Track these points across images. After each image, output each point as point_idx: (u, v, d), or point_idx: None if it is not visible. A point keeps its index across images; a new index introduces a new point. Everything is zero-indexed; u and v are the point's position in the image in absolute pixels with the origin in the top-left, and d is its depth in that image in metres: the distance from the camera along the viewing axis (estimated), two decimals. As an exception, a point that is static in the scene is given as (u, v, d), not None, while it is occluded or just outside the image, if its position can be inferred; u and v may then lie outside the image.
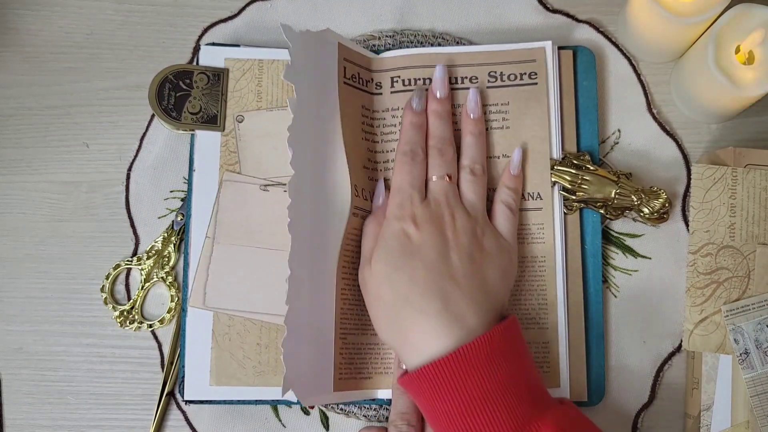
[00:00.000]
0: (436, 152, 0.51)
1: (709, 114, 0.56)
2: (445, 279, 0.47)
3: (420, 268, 0.47)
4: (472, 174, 0.51)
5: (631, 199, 0.53)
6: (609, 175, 0.54)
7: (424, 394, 0.45)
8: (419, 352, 0.46)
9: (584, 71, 0.57)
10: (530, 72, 0.55)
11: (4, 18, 0.60)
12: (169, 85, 0.56)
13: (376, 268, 0.48)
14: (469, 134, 0.53)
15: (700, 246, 0.52)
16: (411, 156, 0.51)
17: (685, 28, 0.53)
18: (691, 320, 0.52)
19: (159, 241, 0.56)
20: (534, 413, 0.43)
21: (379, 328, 0.49)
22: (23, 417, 0.56)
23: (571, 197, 0.54)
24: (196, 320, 0.53)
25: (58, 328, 0.56)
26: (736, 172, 0.52)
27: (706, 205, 0.52)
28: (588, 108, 0.56)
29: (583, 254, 0.54)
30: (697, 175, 0.53)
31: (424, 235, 0.48)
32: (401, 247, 0.48)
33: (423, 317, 0.46)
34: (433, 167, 0.51)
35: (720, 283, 0.52)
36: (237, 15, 0.60)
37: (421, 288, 0.46)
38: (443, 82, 0.53)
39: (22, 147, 0.59)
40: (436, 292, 0.46)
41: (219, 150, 0.55)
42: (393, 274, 0.47)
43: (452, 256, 0.48)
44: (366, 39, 0.59)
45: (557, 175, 0.54)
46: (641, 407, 0.54)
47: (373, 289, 0.48)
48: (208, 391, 0.53)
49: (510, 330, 0.46)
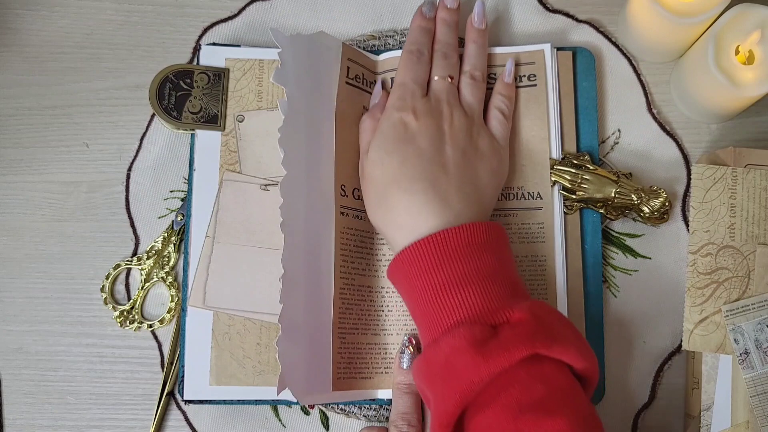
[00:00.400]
0: (440, 55, 0.53)
1: (709, 114, 0.56)
2: (435, 166, 0.49)
3: (412, 153, 0.49)
4: (472, 78, 0.53)
5: (631, 199, 0.53)
6: (609, 175, 0.54)
7: (406, 275, 0.47)
8: (405, 233, 0.48)
9: (584, 72, 0.57)
10: (529, 74, 0.55)
11: (4, 18, 0.60)
12: (169, 84, 0.56)
13: (371, 154, 0.51)
14: (473, 42, 0.55)
15: (700, 246, 0.52)
16: (417, 55, 0.53)
17: (685, 28, 0.53)
18: (691, 320, 0.52)
19: (159, 241, 0.56)
20: (509, 302, 0.45)
21: (370, 211, 0.51)
22: (23, 417, 0.56)
23: (571, 197, 0.54)
24: (196, 320, 0.53)
25: (58, 328, 0.56)
26: (736, 172, 0.52)
27: (706, 205, 0.52)
28: (587, 108, 0.56)
29: (584, 254, 0.54)
30: (697, 175, 0.53)
31: (421, 126, 0.50)
32: (397, 134, 0.50)
33: (408, 196, 0.48)
34: (437, 68, 0.53)
35: (720, 283, 0.52)
36: (237, 15, 0.60)
37: (410, 171, 0.48)
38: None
39: (22, 147, 0.59)
40: (424, 175, 0.48)
41: (219, 150, 0.55)
42: (385, 158, 0.49)
43: (446, 148, 0.50)
44: (366, 39, 0.59)
45: (557, 174, 0.54)
46: (641, 407, 0.54)
47: (367, 174, 0.51)
48: (208, 391, 0.52)
49: (495, 230, 0.48)
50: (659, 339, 0.55)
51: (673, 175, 0.57)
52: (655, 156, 0.57)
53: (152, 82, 0.55)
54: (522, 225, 0.54)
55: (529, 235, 0.54)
